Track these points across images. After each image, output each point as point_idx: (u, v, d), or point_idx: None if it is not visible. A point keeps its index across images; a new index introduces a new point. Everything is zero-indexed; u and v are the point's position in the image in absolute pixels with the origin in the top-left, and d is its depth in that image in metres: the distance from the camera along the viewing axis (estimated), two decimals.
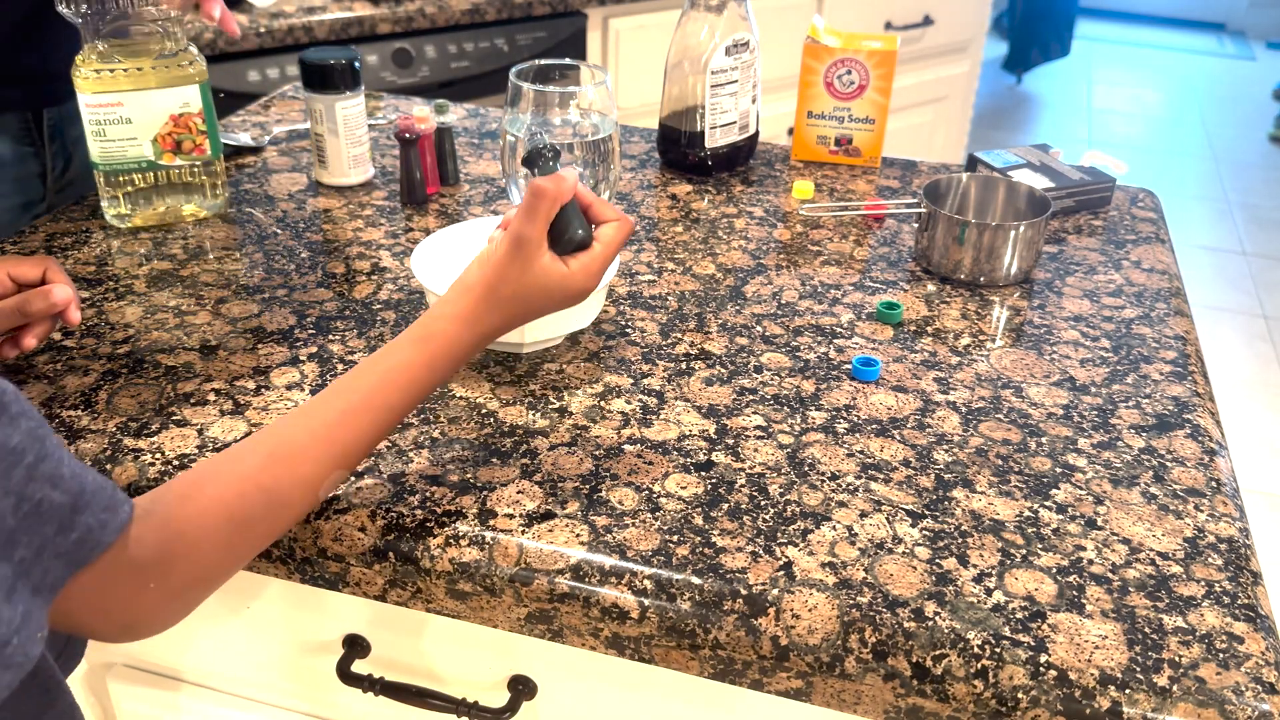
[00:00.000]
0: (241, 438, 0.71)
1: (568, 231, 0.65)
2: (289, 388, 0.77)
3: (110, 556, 0.50)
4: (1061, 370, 0.83)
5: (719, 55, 1.07)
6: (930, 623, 0.59)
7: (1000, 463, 0.72)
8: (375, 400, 0.61)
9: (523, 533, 0.65)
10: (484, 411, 0.75)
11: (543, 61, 0.96)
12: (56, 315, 0.77)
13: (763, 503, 0.67)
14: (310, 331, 0.84)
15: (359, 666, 0.74)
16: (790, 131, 1.24)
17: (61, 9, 0.88)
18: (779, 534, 0.65)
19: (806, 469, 0.71)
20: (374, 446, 0.63)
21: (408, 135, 1.04)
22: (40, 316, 0.76)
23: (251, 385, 0.77)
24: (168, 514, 0.54)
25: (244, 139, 1.19)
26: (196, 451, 0.70)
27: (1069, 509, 0.68)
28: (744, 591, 0.61)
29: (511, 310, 0.65)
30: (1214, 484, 0.71)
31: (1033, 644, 0.58)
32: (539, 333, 0.79)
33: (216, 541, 0.56)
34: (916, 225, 0.98)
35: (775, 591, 0.61)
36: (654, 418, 0.75)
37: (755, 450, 0.72)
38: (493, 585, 0.64)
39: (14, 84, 0.99)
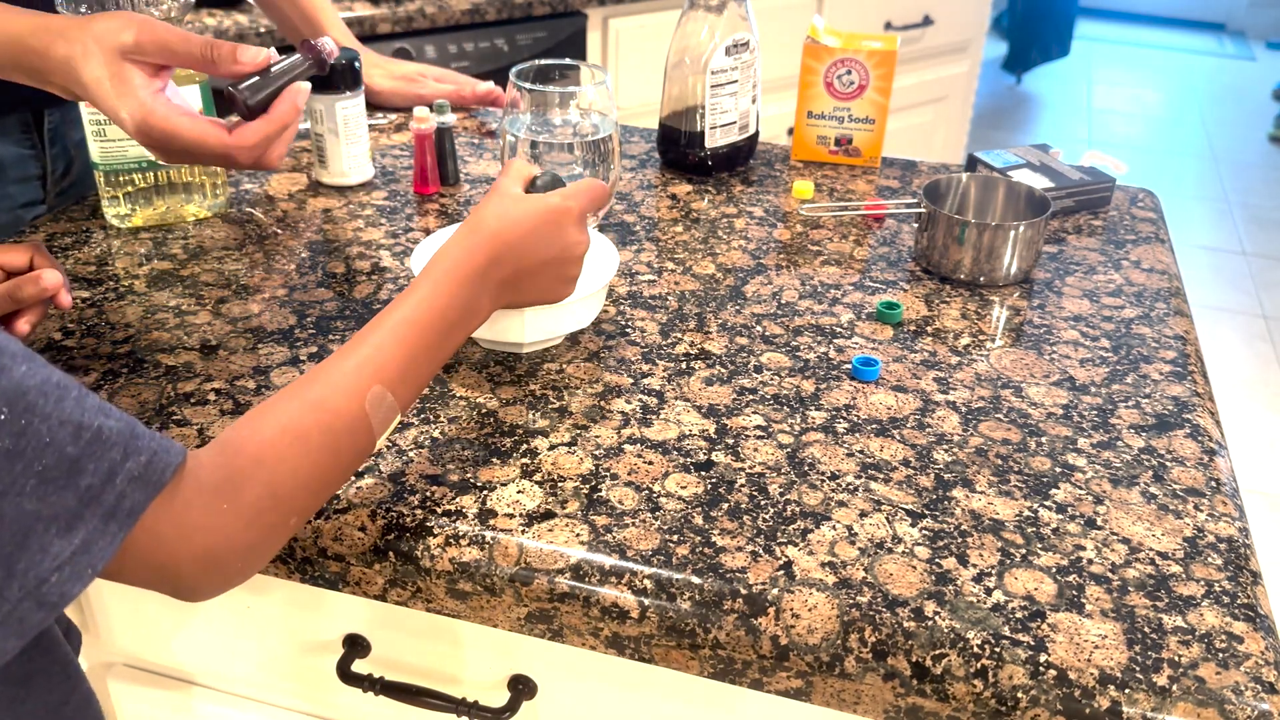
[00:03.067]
0: None
1: (536, 183, 0.73)
2: None
3: (179, 481, 0.50)
4: (1061, 370, 0.83)
5: (719, 55, 1.07)
6: (930, 622, 0.59)
7: (1000, 462, 0.72)
8: (400, 329, 0.63)
9: (523, 532, 0.65)
10: (484, 411, 0.75)
11: (543, 61, 0.96)
12: (48, 300, 0.76)
13: (763, 502, 0.68)
14: (310, 331, 0.84)
15: (359, 666, 0.75)
16: (790, 131, 1.24)
17: (61, 9, 0.88)
18: (779, 534, 0.65)
19: (806, 469, 0.71)
20: (412, 373, 0.63)
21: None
22: (31, 302, 0.76)
23: (252, 385, 0.77)
24: (225, 437, 0.55)
25: None
26: None
27: (1069, 509, 0.68)
28: (744, 591, 0.61)
29: (496, 226, 0.68)
30: (1214, 484, 0.71)
31: (1032, 644, 0.58)
32: (539, 333, 0.79)
33: (277, 453, 0.56)
34: (916, 225, 0.98)
35: (775, 591, 0.61)
36: (654, 418, 0.75)
37: (755, 450, 0.72)
38: (493, 585, 0.64)
39: (10, 86, 1.00)
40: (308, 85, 0.74)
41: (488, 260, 0.67)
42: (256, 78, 0.72)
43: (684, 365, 0.81)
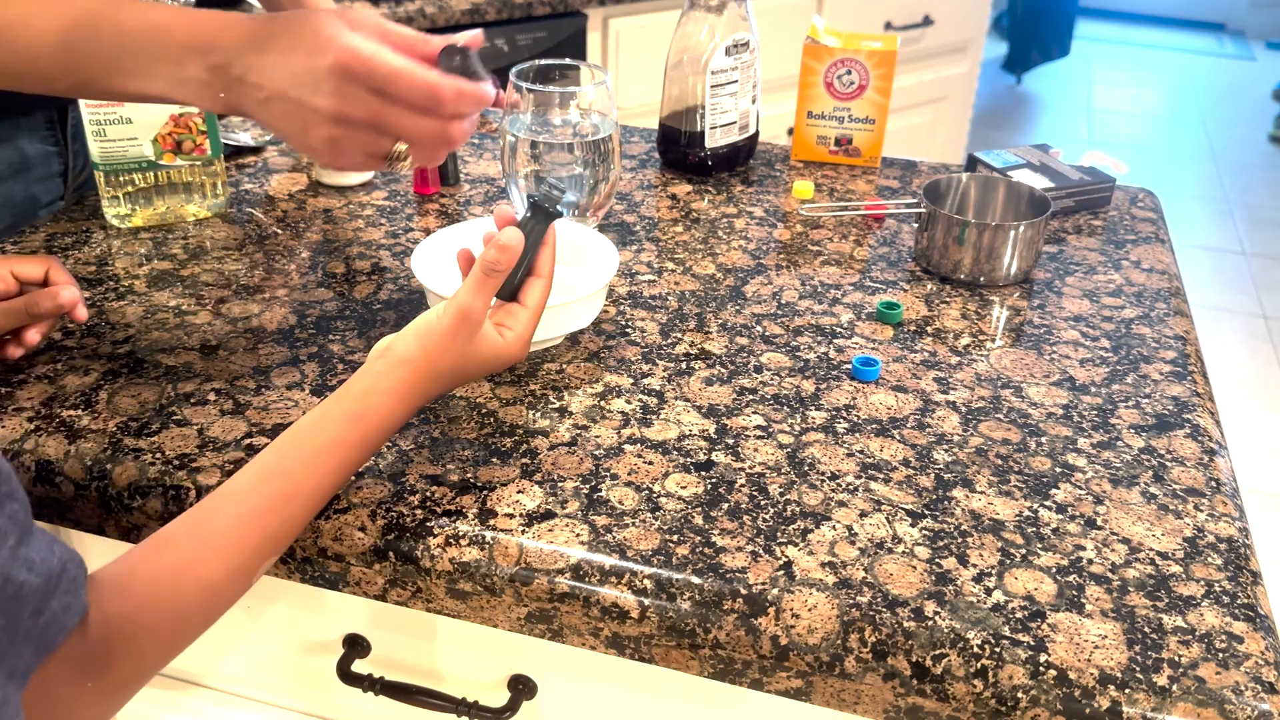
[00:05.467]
0: (242, 438, 0.71)
1: (508, 281, 0.68)
2: (289, 388, 0.77)
3: (61, 649, 0.48)
4: (1061, 370, 0.83)
5: (719, 55, 1.07)
6: (930, 622, 0.59)
7: (1000, 462, 0.72)
8: (306, 484, 0.60)
9: (523, 532, 0.65)
10: (484, 411, 0.75)
11: (543, 61, 0.96)
12: (59, 315, 0.77)
13: (763, 502, 0.68)
14: (310, 331, 0.84)
15: (359, 666, 0.75)
16: (790, 131, 1.24)
17: None
18: (779, 534, 0.65)
19: (806, 469, 0.71)
20: (305, 525, 0.61)
21: None
22: (48, 317, 0.77)
23: (252, 385, 0.77)
24: (104, 610, 0.52)
25: (244, 139, 1.19)
26: (196, 451, 0.70)
27: (1069, 509, 0.68)
28: (744, 591, 0.61)
29: (447, 382, 0.66)
30: (1214, 484, 0.71)
31: (1032, 644, 0.58)
32: (539, 332, 0.79)
33: (155, 637, 0.54)
34: (916, 225, 0.98)
35: (775, 591, 0.61)
36: (654, 418, 0.75)
37: (755, 450, 0.72)
38: (493, 585, 0.64)
39: None
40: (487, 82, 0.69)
41: (420, 405, 0.65)
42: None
43: (684, 365, 0.81)
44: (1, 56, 0.66)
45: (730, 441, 0.73)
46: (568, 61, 0.97)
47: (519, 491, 0.68)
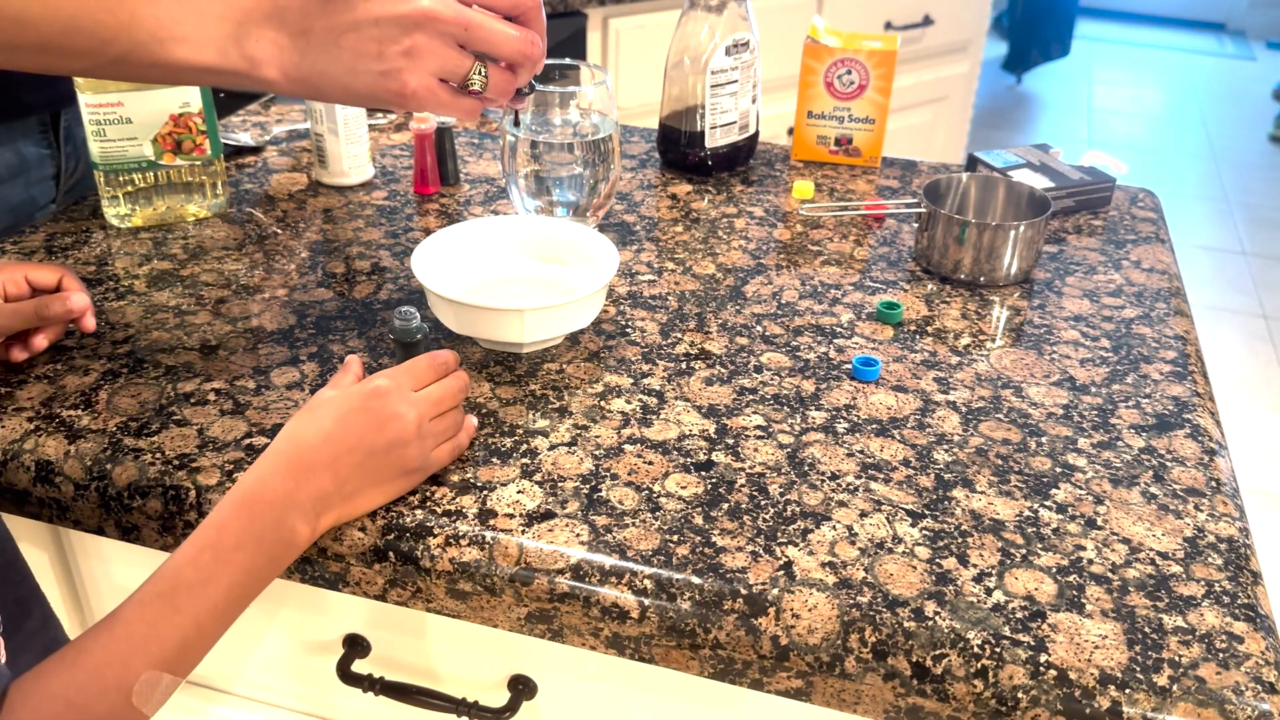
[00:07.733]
0: (242, 438, 0.71)
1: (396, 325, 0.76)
2: (289, 388, 0.77)
3: None
4: (1061, 370, 0.83)
5: (719, 55, 1.07)
6: (930, 622, 0.59)
7: (1000, 462, 0.72)
8: (181, 593, 0.56)
9: (523, 532, 0.65)
10: (484, 411, 0.75)
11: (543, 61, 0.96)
12: (68, 321, 0.78)
13: (763, 502, 0.68)
14: (310, 331, 0.84)
15: (359, 666, 0.75)
16: (790, 131, 1.24)
17: None
18: (779, 534, 0.65)
19: (806, 469, 0.71)
20: (197, 642, 0.56)
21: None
22: (56, 321, 0.77)
23: (252, 385, 0.77)
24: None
25: (244, 139, 1.19)
26: (196, 451, 0.70)
27: (1069, 509, 0.68)
28: (744, 591, 0.61)
29: (329, 430, 0.63)
30: (1214, 484, 0.71)
31: (1033, 644, 0.58)
32: (539, 333, 0.79)
33: None
34: (916, 225, 0.98)
35: (775, 591, 0.61)
36: (654, 418, 0.75)
37: (755, 450, 0.72)
38: (493, 585, 0.64)
39: (37, 88, 1.00)
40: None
41: (291, 484, 0.61)
42: None
43: (684, 365, 0.81)
44: (44, 29, 0.60)
45: (730, 441, 0.73)
46: (568, 61, 0.97)
47: (519, 491, 0.68)
